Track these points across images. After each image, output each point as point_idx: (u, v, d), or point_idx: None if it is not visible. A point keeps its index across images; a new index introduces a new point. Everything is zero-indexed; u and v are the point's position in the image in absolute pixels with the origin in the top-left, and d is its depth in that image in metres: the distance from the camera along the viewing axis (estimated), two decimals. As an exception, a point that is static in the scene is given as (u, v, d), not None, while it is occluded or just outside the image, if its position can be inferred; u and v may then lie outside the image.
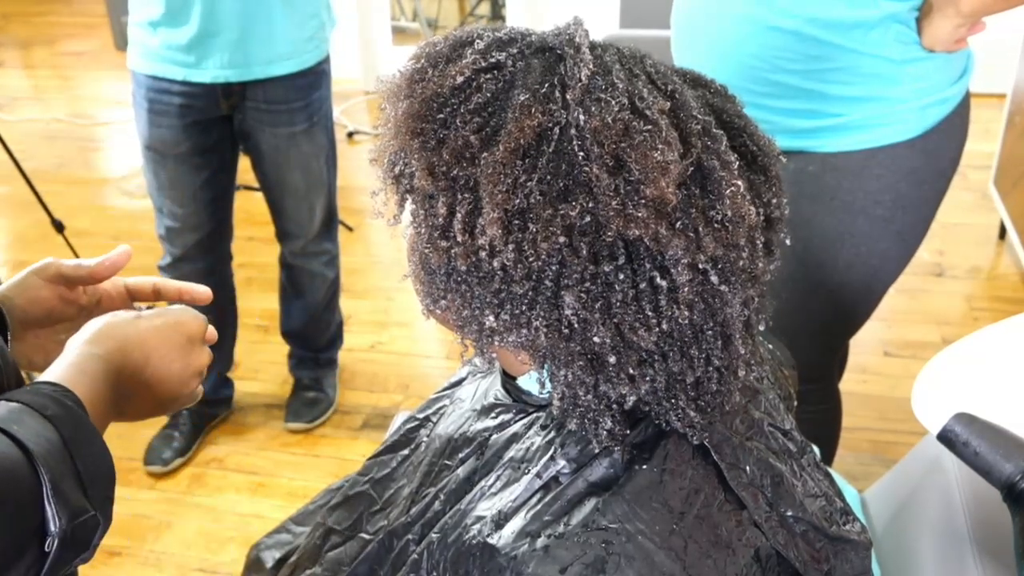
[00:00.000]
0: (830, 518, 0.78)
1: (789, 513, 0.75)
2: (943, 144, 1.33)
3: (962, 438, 0.91)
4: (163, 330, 0.76)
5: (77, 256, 2.64)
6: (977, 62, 1.37)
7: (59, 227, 2.61)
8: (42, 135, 4.10)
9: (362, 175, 3.62)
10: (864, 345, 2.48)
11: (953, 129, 1.33)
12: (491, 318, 0.68)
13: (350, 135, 3.93)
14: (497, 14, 5.13)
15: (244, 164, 2.11)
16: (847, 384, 1.74)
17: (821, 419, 1.60)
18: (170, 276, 2.08)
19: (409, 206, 0.71)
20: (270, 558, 1.09)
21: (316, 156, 2.05)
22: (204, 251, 2.10)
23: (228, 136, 2.00)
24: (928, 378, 1.04)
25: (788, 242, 0.75)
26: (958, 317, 2.65)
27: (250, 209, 2.97)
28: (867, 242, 1.35)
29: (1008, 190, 2.86)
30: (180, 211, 2.02)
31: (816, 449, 0.89)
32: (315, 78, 1.98)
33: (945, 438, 0.92)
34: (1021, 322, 1.09)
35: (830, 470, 1.17)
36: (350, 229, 3.15)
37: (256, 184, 2.15)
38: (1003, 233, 2.97)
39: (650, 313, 0.65)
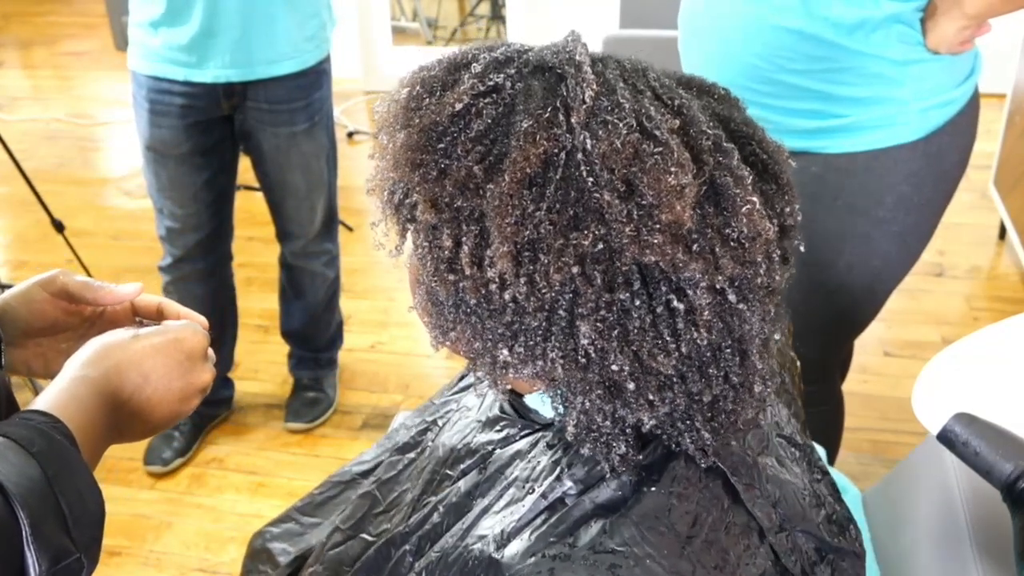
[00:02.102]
0: (831, 529, 0.78)
1: (799, 529, 0.74)
2: (947, 147, 1.32)
3: (962, 438, 0.91)
4: (162, 348, 0.73)
5: (77, 256, 2.65)
6: (977, 62, 1.36)
7: (59, 227, 2.61)
8: (42, 135, 4.10)
9: (362, 175, 3.60)
10: (864, 345, 2.48)
11: (958, 132, 1.32)
12: (505, 352, 0.66)
13: (350, 135, 3.93)
14: (497, 14, 5.12)
15: (244, 164, 2.11)
16: (848, 384, 1.74)
17: (823, 420, 1.60)
18: (170, 276, 2.11)
19: (411, 236, 0.69)
20: (280, 550, 1.07)
21: (317, 156, 2.05)
22: (204, 251, 2.10)
23: (229, 136, 2.00)
24: (928, 378, 1.04)
25: (802, 248, 0.74)
26: (958, 317, 2.65)
27: (250, 209, 2.97)
28: (869, 244, 1.35)
29: (1008, 190, 2.85)
30: (180, 212, 2.02)
31: (819, 448, 0.89)
32: (316, 77, 1.98)
33: (945, 438, 0.92)
34: (1021, 322, 1.08)
35: (833, 470, 1.17)
36: (350, 229, 3.15)
37: (256, 184, 2.15)
38: (1003, 233, 2.97)
39: (668, 338, 0.63)
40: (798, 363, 1.00)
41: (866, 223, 1.33)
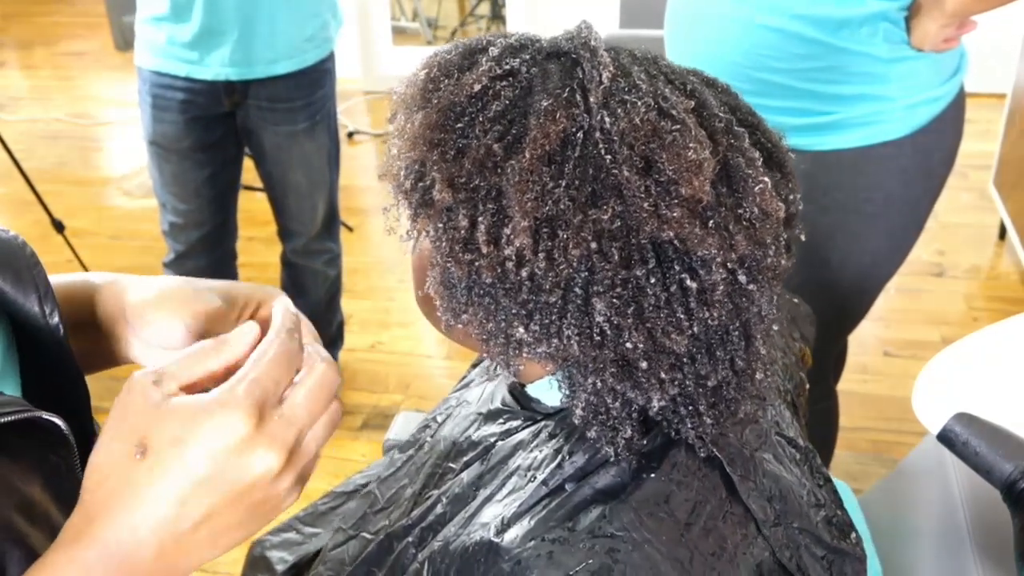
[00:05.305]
0: (831, 530, 0.78)
1: (795, 525, 0.75)
2: (934, 144, 1.32)
3: (962, 438, 0.91)
4: (187, 461, 0.51)
5: (78, 256, 2.65)
6: (977, 62, 1.37)
7: (59, 227, 2.61)
8: (42, 135, 4.10)
9: (363, 175, 3.62)
10: (864, 345, 2.48)
11: (944, 128, 1.33)
12: (520, 330, 0.66)
13: (350, 135, 3.93)
14: (497, 14, 5.12)
15: (245, 163, 2.11)
16: (848, 384, 1.74)
17: (818, 419, 1.61)
18: (174, 273, 2.11)
19: (422, 219, 0.69)
20: (279, 559, 1.07)
21: (318, 154, 2.06)
22: (208, 247, 2.10)
23: (232, 133, 2.01)
24: (928, 378, 1.04)
25: (803, 238, 0.74)
26: (958, 317, 2.65)
27: (251, 209, 2.96)
28: (859, 241, 1.36)
29: (1008, 190, 2.86)
30: (183, 207, 2.02)
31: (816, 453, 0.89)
32: (318, 76, 1.99)
33: (945, 438, 0.92)
34: (1021, 322, 1.09)
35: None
36: (350, 229, 3.15)
37: (257, 184, 2.16)
38: (1003, 233, 2.97)
39: (682, 316, 0.64)
40: (807, 385, 1.00)
41: (856, 220, 1.34)
